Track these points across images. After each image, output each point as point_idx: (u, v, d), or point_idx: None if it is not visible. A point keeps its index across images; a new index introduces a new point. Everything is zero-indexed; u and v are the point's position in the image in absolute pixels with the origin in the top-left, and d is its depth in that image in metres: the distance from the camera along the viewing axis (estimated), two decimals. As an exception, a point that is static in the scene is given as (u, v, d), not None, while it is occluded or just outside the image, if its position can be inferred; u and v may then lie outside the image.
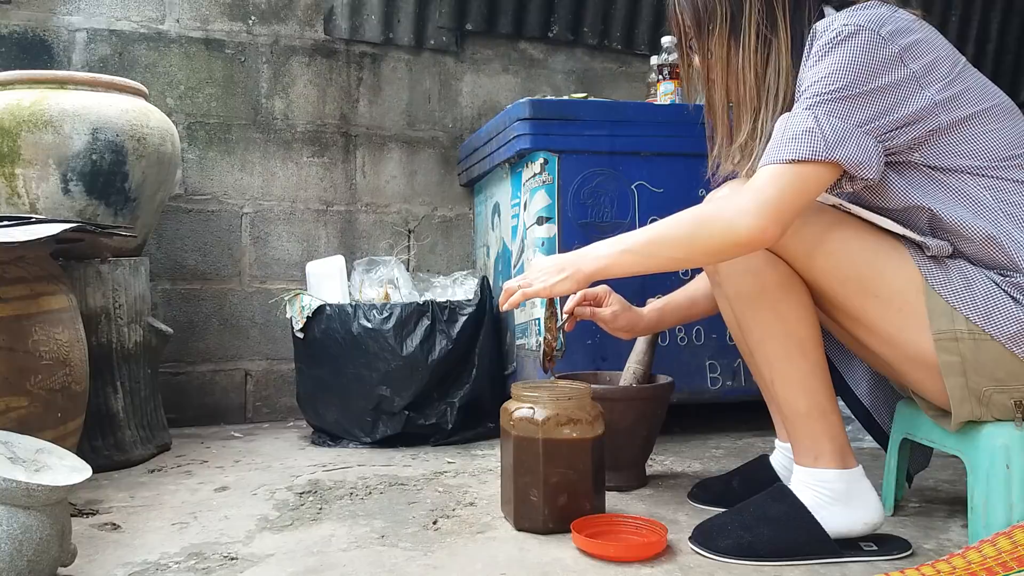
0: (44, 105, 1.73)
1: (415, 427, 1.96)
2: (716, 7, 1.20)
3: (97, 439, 1.75)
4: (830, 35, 1.09)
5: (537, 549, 1.22)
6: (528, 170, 1.97)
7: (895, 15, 1.10)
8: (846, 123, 1.06)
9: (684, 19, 1.25)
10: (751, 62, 1.18)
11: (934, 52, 1.10)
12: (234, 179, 2.37)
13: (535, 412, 1.28)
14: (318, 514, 1.41)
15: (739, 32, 1.19)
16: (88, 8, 2.23)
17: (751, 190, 1.08)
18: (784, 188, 1.06)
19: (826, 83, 1.07)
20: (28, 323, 1.39)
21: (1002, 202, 1.11)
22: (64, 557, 1.07)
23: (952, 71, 1.11)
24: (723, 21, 1.19)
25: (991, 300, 1.09)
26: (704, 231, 1.11)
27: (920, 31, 1.11)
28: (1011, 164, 1.13)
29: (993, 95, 1.15)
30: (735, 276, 1.21)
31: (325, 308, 2.00)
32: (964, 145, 1.11)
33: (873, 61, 1.06)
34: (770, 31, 1.18)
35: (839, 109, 1.06)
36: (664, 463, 1.78)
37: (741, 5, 1.18)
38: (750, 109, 1.20)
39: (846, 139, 1.05)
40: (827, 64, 1.08)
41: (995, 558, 0.99)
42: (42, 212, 1.76)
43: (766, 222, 1.06)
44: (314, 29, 2.42)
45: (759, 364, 1.23)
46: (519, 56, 2.62)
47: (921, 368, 1.14)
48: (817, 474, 1.17)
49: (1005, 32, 3.15)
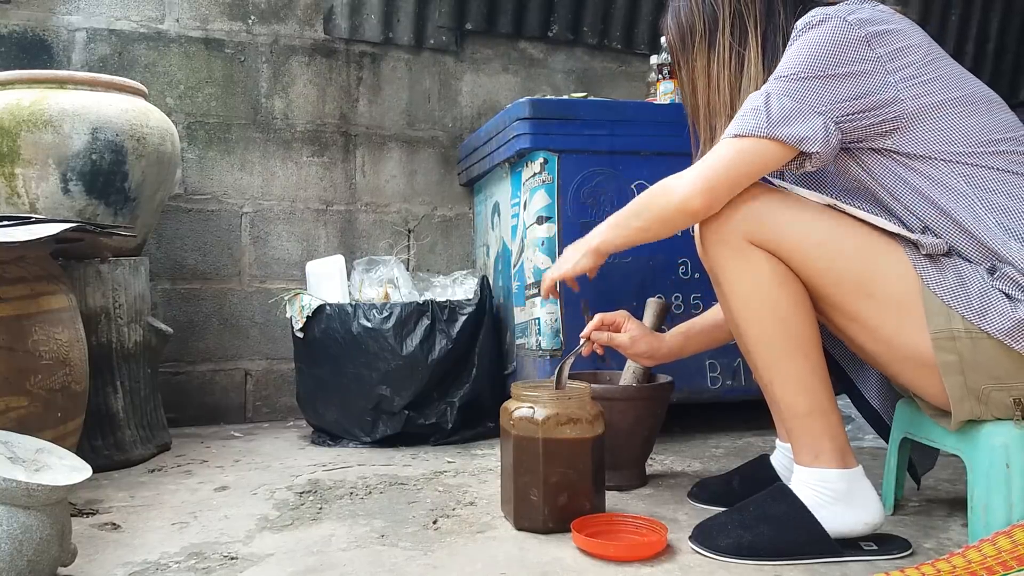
0: (44, 105, 1.73)
1: (415, 427, 1.97)
2: (696, 23, 1.31)
3: (97, 439, 1.75)
4: (802, 24, 1.16)
5: (537, 548, 1.22)
6: (528, 169, 1.97)
7: (873, 9, 1.16)
8: (800, 104, 1.11)
9: (672, 36, 1.36)
10: (727, 73, 1.29)
11: (905, 40, 1.14)
12: (234, 179, 2.37)
13: (535, 412, 1.28)
14: (318, 514, 1.41)
15: (716, 46, 1.30)
16: (87, 8, 2.23)
17: (697, 163, 1.18)
18: (721, 161, 1.14)
19: (787, 66, 1.14)
20: (28, 323, 1.39)
21: (976, 188, 1.12)
22: (64, 557, 1.07)
23: (924, 59, 1.14)
24: (702, 36, 1.31)
25: (985, 297, 1.09)
26: (654, 201, 1.22)
27: (895, 22, 1.15)
28: (987, 151, 1.13)
29: (969, 84, 1.17)
30: (733, 275, 1.21)
31: (325, 308, 2.00)
32: (937, 133, 1.13)
33: (838, 46, 1.12)
34: (741, 44, 1.28)
35: (794, 89, 1.12)
36: (664, 462, 1.78)
37: (716, 21, 1.29)
38: (725, 116, 1.29)
39: (792, 118, 1.11)
40: (794, 49, 1.16)
41: (995, 557, 0.99)
42: (42, 212, 1.76)
43: (695, 191, 1.15)
44: (314, 29, 2.42)
45: (758, 364, 1.23)
46: (519, 56, 2.62)
47: (919, 368, 1.14)
48: (817, 473, 1.17)
49: (1005, 32, 3.15)
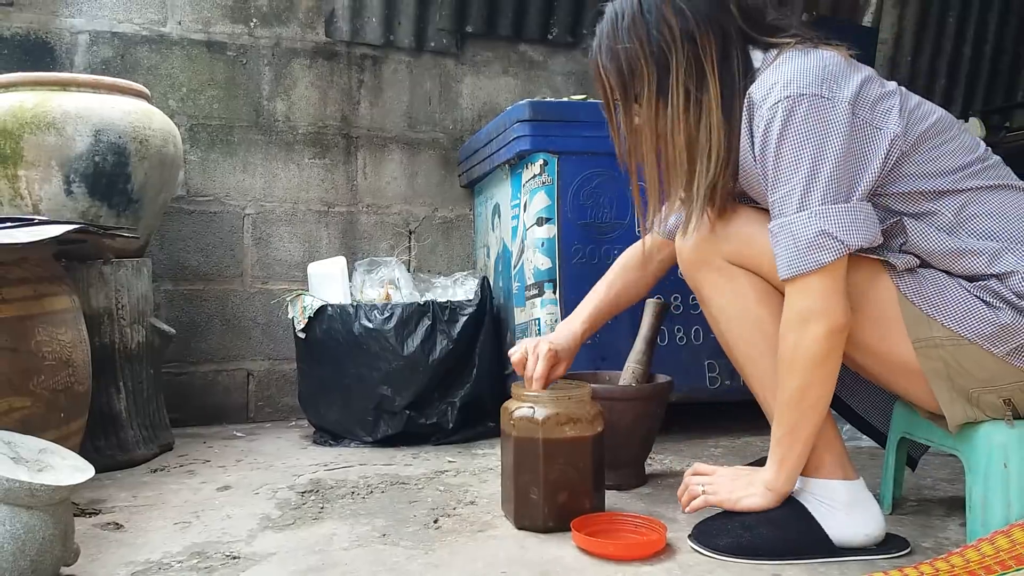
0: (47, 107, 1.74)
1: (416, 426, 1.97)
2: (642, 68, 1.15)
3: (100, 439, 1.75)
4: (772, 115, 1.07)
5: (537, 547, 1.23)
6: (528, 171, 1.98)
7: (822, 61, 1.09)
8: (842, 206, 1.06)
9: (609, 81, 1.19)
10: (681, 123, 1.14)
11: (870, 86, 1.11)
12: (236, 180, 2.38)
13: (535, 411, 1.29)
14: (320, 513, 1.42)
15: (667, 92, 1.14)
16: (90, 10, 2.24)
17: (801, 307, 1.08)
18: (826, 292, 1.07)
19: (800, 175, 1.07)
20: (31, 324, 1.40)
21: (963, 216, 1.12)
22: (67, 557, 1.07)
23: (893, 99, 1.12)
24: (649, 82, 1.15)
25: (964, 305, 1.10)
26: (796, 359, 1.10)
27: (849, 70, 1.11)
28: (965, 174, 1.14)
29: (932, 109, 1.16)
30: (715, 294, 1.22)
31: (327, 308, 2.01)
32: (918, 167, 1.12)
33: (828, 129, 1.06)
34: (699, 89, 1.13)
35: (827, 195, 1.06)
36: (663, 462, 1.78)
37: (667, 64, 1.13)
38: (681, 172, 1.17)
39: (851, 223, 1.06)
40: (788, 151, 1.07)
41: (993, 557, 1.00)
42: (45, 213, 1.76)
43: (833, 308, 1.07)
44: (315, 31, 2.43)
45: (749, 380, 1.25)
46: (519, 58, 2.63)
47: (910, 376, 1.15)
48: (818, 484, 1.17)
49: (1003, 33, 3.16)
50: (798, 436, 1.13)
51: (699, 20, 1.13)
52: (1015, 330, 1.08)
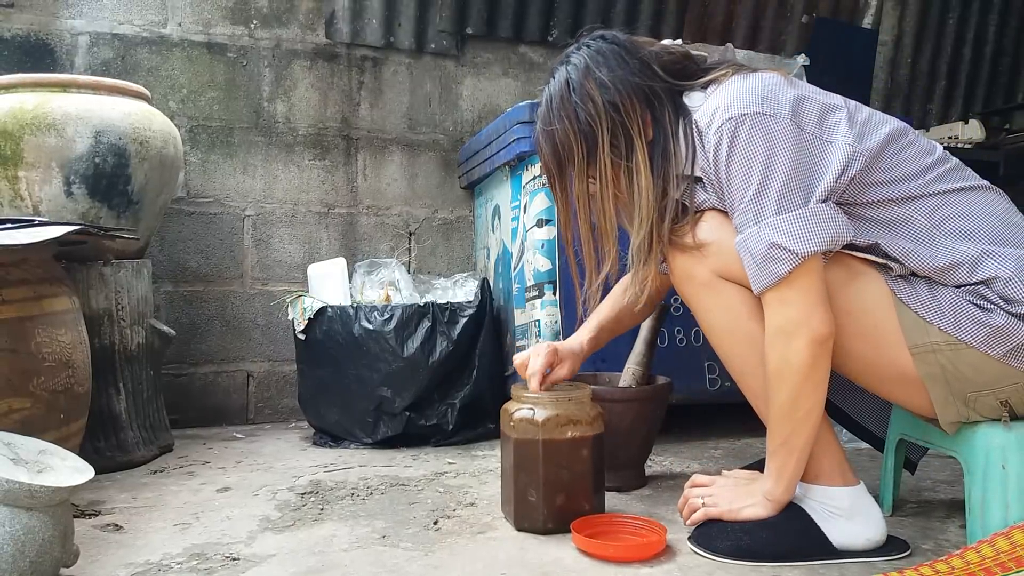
0: (47, 108, 1.74)
1: (416, 428, 1.97)
2: (571, 143, 1.19)
3: (99, 440, 1.76)
4: (719, 138, 1.10)
5: (537, 549, 1.23)
6: (528, 173, 1.98)
7: (761, 82, 1.12)
8: (794, 214, 1.07)
9: (547, 159, 1.25)
10: (610, 191, 1.19)
11: (812, 101, 1.13)
12: (236, 182, 2.38)
13: (535, 413, 1.29)
14: (319, 514, 1.42)
15: (596, 163, 1.19)
16: (90, 12, 2.24)
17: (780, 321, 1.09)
18: (798, 298, 1.08)
19: (752, 190, 1.09)
20: (31, 325, 1.40)
21: (937, 219, 1.13)
22: (66, 558, 1.07)
23: (839, 112, 1.13)
24: (580, 157, 1.19)
25: (958, 308, 1.10)
26: (783, 369, 1.10)
27: (788, 87, 1.13)
28: (930, 177, 1.14)
29: (885, 119, 1.17)
30: (706, 309, 1.22)
31: (327, 310, 2.01)
32: (884, 174, 1.13)
33: (773, 144, 1.08)
34: (627, 158, 1.18)
35: (781, 206, 1.07)
36: (663, 464, 1.78)
37: (595, 137, 1.18)
38: (612, 237, 1.22)
39: (801, 231, 1.06)
40: (737, 170, 1.09)
41: (993, 559, 1.00)
42: (45, 214, 1.77)
43: (812, 319, 1.08)
44: (315, 33, 2.44)
45: (746, 393, 1.25)
46: (519, 60, 2.63)
47: (906, 384, 1.15)
48: (819, 491, 1.18)
49: (1003, 35, 3.16)
50: (794, 446, 1.14)
51: (621, 88, 1.18)
52: (1010, 331, 1.08)
